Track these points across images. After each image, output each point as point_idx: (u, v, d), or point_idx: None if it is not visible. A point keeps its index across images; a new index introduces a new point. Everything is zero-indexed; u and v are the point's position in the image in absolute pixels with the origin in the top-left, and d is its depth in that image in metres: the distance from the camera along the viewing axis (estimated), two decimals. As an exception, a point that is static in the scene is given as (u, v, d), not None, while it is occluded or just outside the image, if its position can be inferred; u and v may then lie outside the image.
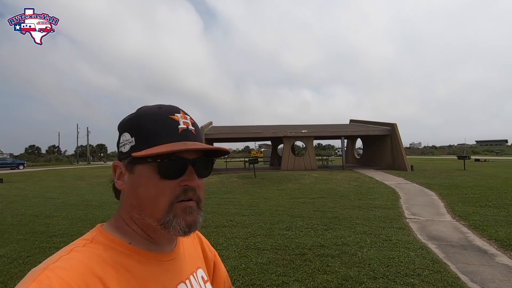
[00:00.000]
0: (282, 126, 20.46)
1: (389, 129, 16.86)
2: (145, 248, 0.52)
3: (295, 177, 12.73)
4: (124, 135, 0.53)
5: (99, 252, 0.47)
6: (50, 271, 0.41)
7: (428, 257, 3.70)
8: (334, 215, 6.04)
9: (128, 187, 0.52)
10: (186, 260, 0.59)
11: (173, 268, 0.55)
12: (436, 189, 9.26)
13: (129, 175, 0.52)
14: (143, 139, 0.51)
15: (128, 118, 0.55)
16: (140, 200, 0.51)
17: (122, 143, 0.53)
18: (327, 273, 3.23)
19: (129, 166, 0.52)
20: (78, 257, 0.45)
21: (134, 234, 0.53)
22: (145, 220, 0.51)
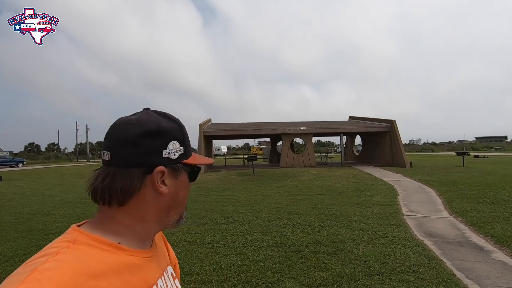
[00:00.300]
0: (281, 123, 20.43)
1: (388, 125, 16.84)
2: (134, 246, 0.55)
3: (293, 174, 12.73)
4: (174, 143, 0.56)
5: (86, 252, 0.47)
6: (39, 273, 0.40)
7: (424, 253, 3.71)
8: (332, 212, 6.04)
9: (172, 191, 0.56)
10: (159, 257, 0.62)
11: (153, 264, 0.58)
12: (435, 185, 9.27)
13: (173, 180, 0.57)
14: (188, 149, 0.60)
15: (173, 127, 0.58)
16: (178, 201, 0.58)
17: (171, 151, 0.56)
18: (323, 270, 3.24)
19: (175, 172, 0.57)
20: (66, 258, 0.44)
21: (133, 234, 0.55)
22: (170, 217, 0.58)
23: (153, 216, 0.56)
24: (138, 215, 0.55)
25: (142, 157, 0.53)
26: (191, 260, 3.61)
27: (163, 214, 0.57)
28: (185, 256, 3.74)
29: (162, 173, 0.54)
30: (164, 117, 0.58)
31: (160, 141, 0.55)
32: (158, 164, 0.54)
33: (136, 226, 0.55)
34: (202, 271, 3.30)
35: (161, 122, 0.56)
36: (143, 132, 0.53)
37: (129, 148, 0.52)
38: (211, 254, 3.80)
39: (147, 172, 0.53)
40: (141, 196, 0.54)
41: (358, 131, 18.95)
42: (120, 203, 0.53)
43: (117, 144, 0.53)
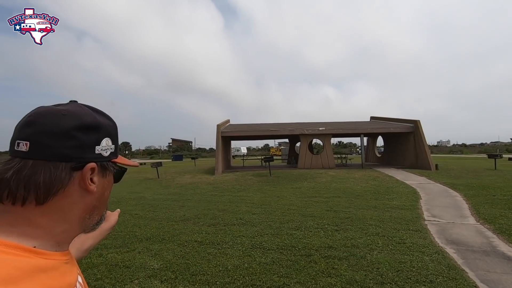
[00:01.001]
0: (299, 124, 20.16)
1: (412, 126, 16.11)
2: (52, 249, 0.50)
3: (311, 176, 12.49)
4: (107, 140, 0.54)
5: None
6: None
7: (444, 262, 3.45)
8: (347, 215, 5.83)
9: (99, 190, 0.54)
10: (73, 260, 0.58)
11: (69, 266, 0.53)
12: (461, 189, 8.71)
13: (101, 178, 0.54)
14: (117, 149, 0.58)
15: (108, 124, 0.56)
16: (102, 201, 0.56)
17: (104, 148, 0.54)
18: (331, 276, 3.10)
19: (104, 170, 0.55)
20: None
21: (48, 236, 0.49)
22: (91, 219, 0.55)
23: (76, 217, 0.52)
24: (60, 215, 0.49)
25: (74, 151, 0.49)
26: (199, 261, 3.60)
27: (87, 215, 0.54)
28: (193, 256, 3.74)
29: (92, 170, 0.51)
30: (97, 113, 0.55)
31: (96, 136, 0.52)
32: (90, 160, 0.51)
33: (56, 228, 0.50)
34: (208, 272, 3.27)
35: (96, 117, 0.54)
36: (79, 125, 0.49)
37: (60, 140, 0.48)
38: (219, 255, 3.77)
39: (77, 168, 0.49)
40: (65, 194, 0.49)
41: (380, 131, 18.29)
42: (39, 202, 0.47)
43: (44, 134, 0.47)
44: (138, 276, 3.20)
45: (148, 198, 8.61)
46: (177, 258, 3.70)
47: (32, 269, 0.44)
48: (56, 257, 0.50)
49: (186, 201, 7.87)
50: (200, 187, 10.56)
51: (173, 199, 8.34)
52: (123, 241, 4.39)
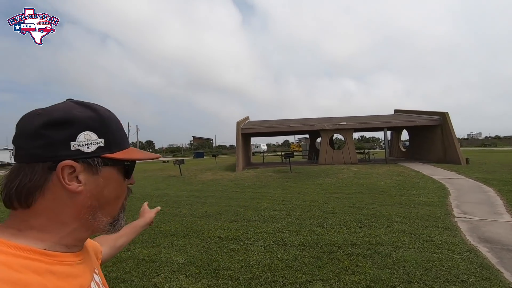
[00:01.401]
0: (320, 119, 19.83)
1: (439, 118, 15.35)
2: (62, 250, 0.50)
3: (332, 171, 12.28)
4: (88, 134, 0.49)
5: (3, 262, 0.41)
6: None
7: (477, 261, 3.28)
8: (371, 211, 5.68)
9: (90, 189, 0.50)
10: (90, 259, 0.60)
11: (83, 267, 0.54)
12: (495, 185, 8.20)
13: (91, 176, 0.50)
14: (114, 142, 0.53)
15: (88, 117, 0.50)
16: (103, 200, 0.52)
17: (83, 142, 0.49)
18: (355, 273, 3.04)
19: (91, 167, 0.50)
20: None
21: (58, 238, 0.50)
22: (97, 220, 0.52)
23: (74, 218, 0.50)
24: (54, 217, 0.49)
25: (44, 150, 0.47)
26: (221, 256, 3.66)
27: (87, 216, 0.51)
28: (215, 252, 3.81)
29: (71, 168, 0.48)
30: (81, 106, 0.52)
31: (67, 131, 0.48)
32: (65, 157, 0.47)
33: (55, 230, 0.49)
34: (230, 268, 3.32)
35: (72, 110, 0.50)
36: (46, 122, 0.48)
37: (30, 141, 0.47)
38: (241, 251, 3.81)
39: (53, 168, 0.47)
40: (50, 195, 0.48)
41: (405, 125, 17.58)
42: (23, 204, 0.47)
43: (20, 137, 0.48)
44: (164, 270, 3.32)
45: (171, 195, 8.85)
46: (200, 254, 3.78)
47: (44, 273, 0.45)
48: (68, 258, 0.50)
49: (208, 198, 8.01)
50: (221, 184, 10.71)
51: (195, 195, 8.53)
52: (149, 237, 4.56)
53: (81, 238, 0.54)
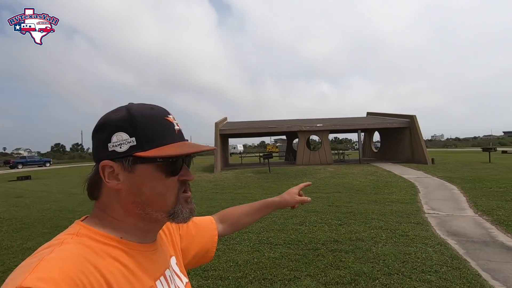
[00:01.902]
0: (297, 121, 20.26)
1: (408, 121, 16.31)
2: (135, 240, 0.55)
3: (310, 172, 12.61)
4: (119, 134, 0.53)
5: (88, 244, 0.48)
6: (47, 262, 0.41)
7: (447, 253, 3.58)
8: (349, 210, 5.95)
9: (128, 187, 0.53)
10: (164, 249, 0.64)
11: (157, 258, 0.58)
12: (458, 182, 8.90)
13: (128, 174, 0.53)
14: (147, 139, 0.53)
15: (120, 118, 0.54)
16: (145, 197, 0.53)
17: (116, 143, 0.52)
18: (340, 268, 3.20)
19: (128, 166, 0.52)
20: (71, 248, 0.46)
21: (127, 228, 0.55)
22: (151, 214, 0.54)
23: (127, 212, 0.54)
24: (114, 210, 0.54)
25: (94, 152, 0.55)
26: (209, 257, 3.67)
27: (137, 210, 0.54)
28: (202, 253, 3.81)
29: (110, 168, 0.52)
30: (122, 108, 0.56)
31: (103, 134, 0.54)
32: (103, 158, 0.52)
33: (122, 221, 0.54)
34: (219, 268, 3.34)
35: (110, 115, 0.55)
36: (94, 129, 0.56)
37: (92, 145, 0.57)
38: (228, 251, 3.84)
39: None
40: (105, 191, 0.55)
41: (376, 127, 18.49)
42: (91, 197, 0.56)
43: None
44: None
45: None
46: (187, 255, 3.76)
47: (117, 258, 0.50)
48: (141, 248, 0.55)
49: (189, 199, 7.91)
50: (201, 185, 10.61)
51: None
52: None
53: (146, 229, 0.57)
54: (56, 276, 0.39)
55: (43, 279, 0.38)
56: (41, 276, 0.39)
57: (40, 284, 0.38)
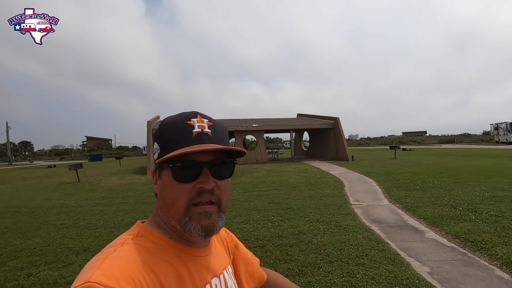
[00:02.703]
0: (233, 120, 20.45)
1: (333, 122, 18.13)
2: (183, 243, 0.57)
3: (247, 171, 12.90)
4: (155, 143, 0.59)
5: (145, 245, 0.52)
6: (110, 260, 0.46)
7: (373, 238, 4.13)
8: (288, 205, 6.31)
9: (158, 191, 0.58)
10: (218, 257, 0.64)
11: (207, 263, 0.59)
12: (374, 176, 10.31)
13: (159, 179, 0.58)
14: (164, 146, 0.56)
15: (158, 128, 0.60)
16: (164, 202, 0.56)
17: (154, 152, 0.59)
18: (288, 261, 3.39)
19: (158, 172, 0.58)
20: (130, 248, 0.50)
21: (170, 230, 0.58)
22: (169, 221, 0.56)
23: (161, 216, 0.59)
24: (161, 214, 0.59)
25: None
26: (153, 265, 3.45)
27: (163, 215, 0.58)
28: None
29: (152, 173, 0.61)
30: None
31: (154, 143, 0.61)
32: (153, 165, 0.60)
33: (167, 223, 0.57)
34: (167, 275, 3.17)
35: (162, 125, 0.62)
36: None
37: None
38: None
39: None
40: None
41: (306, 127, 20.01)
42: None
43: None
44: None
45: (71, 205, 7.59)
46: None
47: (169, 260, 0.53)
48: (190, 252, 0.57)
49: (121, 205, 7.24)
50: (133, 189, 9.81)
51: (104, 203, 7.56)
52: (55, 256, 3.85)
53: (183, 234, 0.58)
54: (117, 274, 0.44)
55: (107, 276, 0.43)
56: (105, 273, 0.43)
57: (104, 279, 0.42)
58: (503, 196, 6.23)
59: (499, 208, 5.28)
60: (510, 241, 3.78)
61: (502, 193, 6.46)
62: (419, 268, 3.21)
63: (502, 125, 34.37)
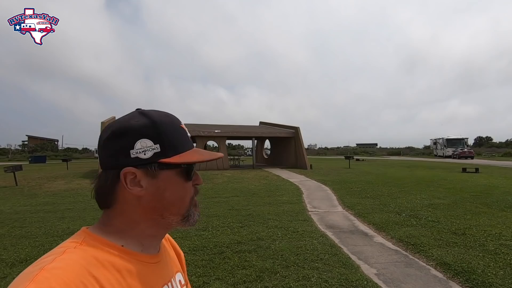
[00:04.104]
0: (195, 125, 20.07)
1: (293, 131, 18.74)
2: (137, 250, 0.55)
3: (208, 177, 12.71)
4: (144, 141, 0.53)
5: (91, 253, 0.48)
6: (47, 272, 0.41)
7: (328, 243, 4.33)
8: (248, 212, 6.35)
9: (151, 192, 0.54)
10: (167, 263, 0.62)
11: (159, 270, 0.58)
12: (330, 184, 10.84)
13: (151, 180, 0.54)
14: (170, 146, 0.55)
15: (142, 124, 0.54)
16: (166, 201, 0.55)
17: (140, 150, 0.53)
18: (246, 268, 3.40)
19: (152, 172, 0.53)
20: (73, 257, 0.45)
21: (134, 236, 0.55)
22: (167, 219, 0.56)
23: (144, 218, 0.55)
24: (127, 217, 0.54)
25: (110, 159, 0.53)
26: (102, 276, 3.21)
27: (156, 216, 0.55)
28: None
29: (133, 174, 0.52)
30: (140, 114, 0.56)
31: (124, 141, 0.53)
32: (125, 165, 0.52)
33: (131, 229, 0.55)
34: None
35: (129, 120, 0.54)
36: (109, 134, 0.54)
37: (102, 151, 0.55)
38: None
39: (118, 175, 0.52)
40: (122, 198, 0.54)
41: (268, 135, 20.40)
42: (104, 205, 0.55)
43: (98, 147, 0.57)
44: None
45: (6, 211, 6.76)
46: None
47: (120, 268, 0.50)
48: (143, 258, 0.55)
49: (67, 211, 6.64)
50: (82, 194, 9.07)
51: (46, 210, 6.86)
52: (-17, 269, 3.39)
53: (154, 234, 0.58)
54: (55, 287, 0.39)
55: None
56: (40, 286, 0.38)
57: None
58: (439, 203, 6.97)
59: (435, 214, 5.90)
60: (443, 243, 4.25)
61: (439, 201, 7.24)
62: (368, 270, 3.44)
63: (440, 140, 38.62)
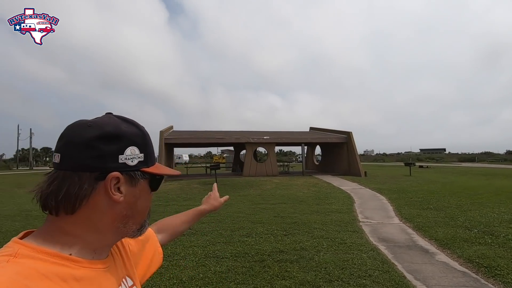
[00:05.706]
0: (244, 132, 20.54)
1: (345, 137, 17.86)
2: (88, 257, 0.52)
3: (256, 183, 12.80)
4: (133, 149, 0.54)
5: (30, 265, 0.43)
6: None
7: (379, 258, 3.93)
8: (294, 220, 6.17)
9: (127, 200, 0.53)
10: (116, 267, 0.60)
11: (108, 275, 0.55)
12: (386, 193, 9.97)
13: (130, 188, 0.54)
14: (150, 157, 0.57)
15: (134, 133, 0.55)
16: (136, 210, 0.55)
17: (129, 156, 0.53)
18: (286, 278, 3.26)
19: (132, 179, 0.54)
20: (7, 273, 0.40)
21: (86, 245, 0.52)
22: (129, 227, 0.55)
23: (108, 226, 0.53)
24: (90, 224, 0.51)
25: (95, 161, 0.50)
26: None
27: (120, 224, 0.54)
28: (142, 271, 3.52)
29: (117, 179, 0.51)
30: (125, 122, 0.56)
31: (117, 145, 0.52)
32: (113, 169, 0.51)
33: (88, 236, 0.52)
34: (161, 286, 3.12)
35: (121, 125, 0.54)
36: (99, 135, 0.50)
37: (82, 151, 0.49)
38: (171, 268, 3.62)
39: (100, 178, 0.50)
40: (92, 204, 0.50)
41: (318, 141, 19.81)
42: (68, 211, 0.49)
43: (69, 146, 0.50)
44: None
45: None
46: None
47: (67, 278, 0.46)
48: (93, 265, 0.52)
49: None
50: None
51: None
52: None
53: (109, 243, 0.57)
54: None
55: None
56: None
57: None
58: (524, 219, 5.84)
59: (518, 232, 4.94)
60: (528, 268, 3.51)
61: (523, 216, 6.07)
62: (426, 293, 3.01)
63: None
